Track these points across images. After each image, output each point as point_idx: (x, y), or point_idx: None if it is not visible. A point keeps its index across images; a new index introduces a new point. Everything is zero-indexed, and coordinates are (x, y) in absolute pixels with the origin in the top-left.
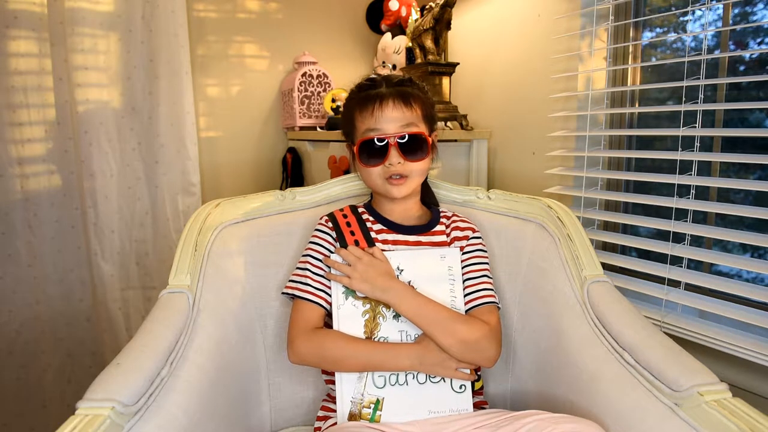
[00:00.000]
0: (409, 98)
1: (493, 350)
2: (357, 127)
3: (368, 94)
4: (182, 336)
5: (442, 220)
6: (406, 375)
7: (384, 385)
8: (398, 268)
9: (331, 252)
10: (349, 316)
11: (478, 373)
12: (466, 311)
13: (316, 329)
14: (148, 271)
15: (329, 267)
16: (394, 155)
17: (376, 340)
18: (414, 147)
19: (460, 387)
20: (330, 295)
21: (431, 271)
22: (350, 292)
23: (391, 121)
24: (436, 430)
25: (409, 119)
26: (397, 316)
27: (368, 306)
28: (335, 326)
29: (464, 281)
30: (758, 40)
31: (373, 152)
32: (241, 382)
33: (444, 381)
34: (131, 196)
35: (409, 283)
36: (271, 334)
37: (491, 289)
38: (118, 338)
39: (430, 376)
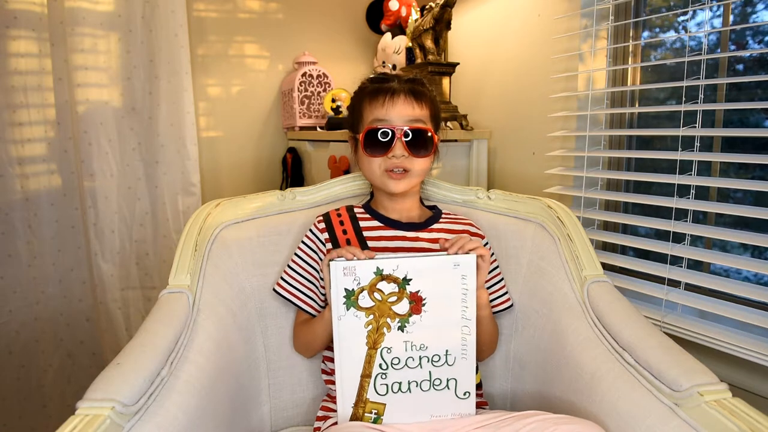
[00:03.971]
0: (420, 96)
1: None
2: (364, 116)
3: (380, 86)
4: (182, 336)
5: (443, 219)
6: (409, 382)
7: (386, 393)
8: (406, 278)
9: (319, 255)
10: (351, 329)
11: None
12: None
13: (301, 323)
14: (148, 271)
15: (318, 270)
16: (398, 148)
17: (380, 351)
18: (419, 143)
19: (464, 393)
20: (311, 298)
21: (443, 281)
22: (352, 302)
23: (400, 115)
24: (436, 429)
25: (417, 116)
26: (402, 327)
27: (371, 317)
28: (335, 339)
29: (492, 285)
30: (758, 39)
31: (377, 143)
32: (241, 382)
33: (448, 388)
34: (131, 196)
35: (418, 292)
36: (271, 334)
37: (507, 292)
38: (118, 338)
39: (433, 383)
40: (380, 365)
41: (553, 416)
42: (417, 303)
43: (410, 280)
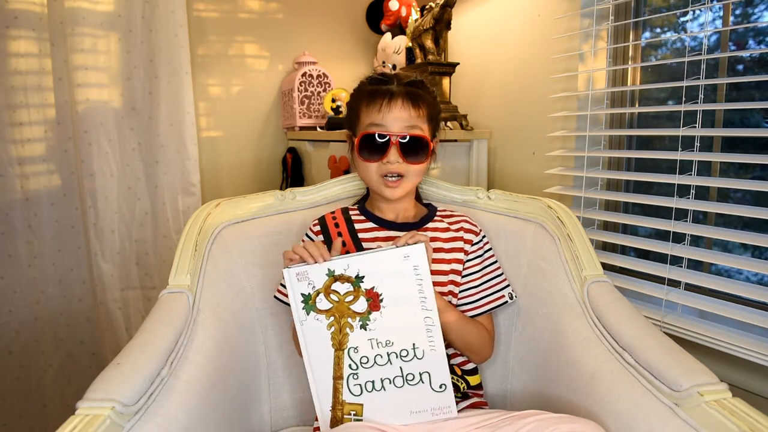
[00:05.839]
0: (417, 99)
1: (490, 352)
2: (361, 119)
3: (378, 88)
4: (182, 336)
5: (438, 216)
6: (382, 380)
7: (361, 393)
8: (358, 275)
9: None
10: (315, 332)
11: (471, 367)
12: (481, 313)
13: None
14: (148, 271)
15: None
16: (393, 154)
17: (347, 352)
18: (415, 149)
19: (440, 386)
20: None
21: (395, 275)
22: (311, 306)
23: (397, 120)
24: (434, 429)
25: (414, 120)
26: (364, 325)
27: (332, 318)
28: (301, 344)
29: (481, 284)
30: (758, 39)
31: (373, 147)
32: (241, 382)
33: (422, 382)
34: (131, 196)
35: (373, 289)
36: (272, 333)
37: (507, 285)
38: (118, 338)
39: (407, 379)
40: (350, 365)
41: (553, 416)
42: (374, 300)
43: (363, 277)
